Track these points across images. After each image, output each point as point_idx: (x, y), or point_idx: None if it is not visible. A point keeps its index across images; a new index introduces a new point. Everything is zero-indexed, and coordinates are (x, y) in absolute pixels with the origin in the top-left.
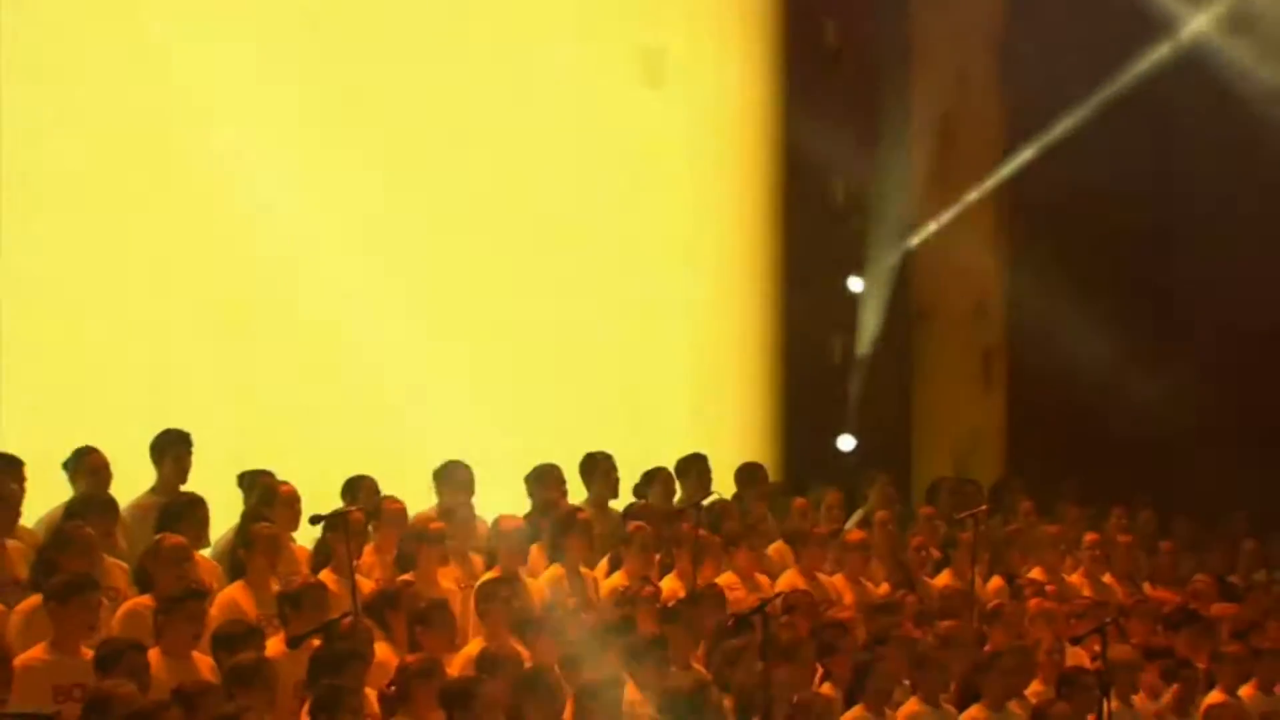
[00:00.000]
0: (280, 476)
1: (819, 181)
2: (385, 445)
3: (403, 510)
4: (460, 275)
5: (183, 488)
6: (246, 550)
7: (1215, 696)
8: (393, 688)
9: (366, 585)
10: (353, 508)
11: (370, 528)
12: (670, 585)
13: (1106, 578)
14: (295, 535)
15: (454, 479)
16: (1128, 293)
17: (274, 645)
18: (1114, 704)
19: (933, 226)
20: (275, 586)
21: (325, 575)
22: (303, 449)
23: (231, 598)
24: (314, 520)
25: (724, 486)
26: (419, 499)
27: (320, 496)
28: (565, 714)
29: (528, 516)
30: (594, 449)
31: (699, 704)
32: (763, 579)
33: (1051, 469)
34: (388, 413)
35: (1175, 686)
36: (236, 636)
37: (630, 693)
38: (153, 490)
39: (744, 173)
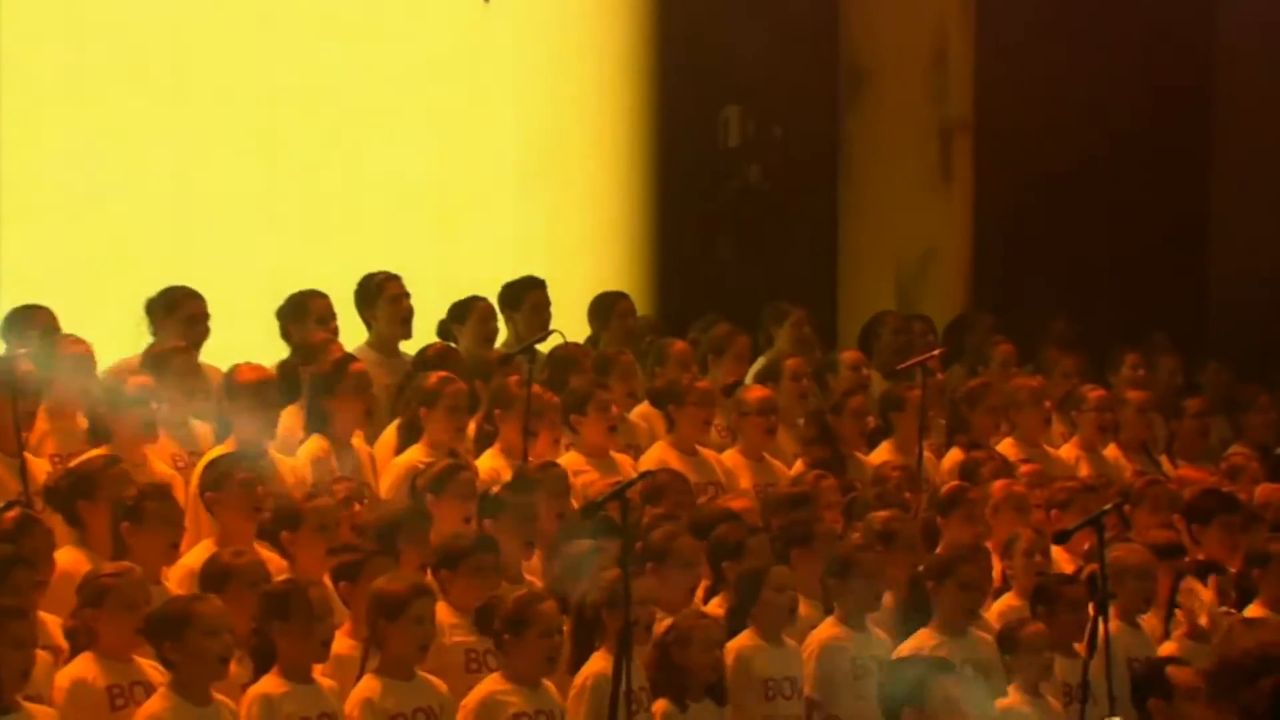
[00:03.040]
0: None
1: None
2: (73, 260)
3: (89, 356)
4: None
5: None
6: None
7: (1252, 610)
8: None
9: (38, 465)
10: (20, 352)
11: (43, 383)
12: (491, 464)
13: (1110, 450)
14: None
15: (175, 311)
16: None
17: None
18: (1113, 624)
19: None
20: None
21: None
22: None
23: None
24: None
25: (570, 324)
26: (123, 341)
27: None
28: (343, 640)
29: (280, 366)
30: (376, 268)
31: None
32: (622, 457)
33: (1035, 299)
34: (77, 210)
35: (1199, 599)
36: None
37: (441, 612)
38: None
39: None
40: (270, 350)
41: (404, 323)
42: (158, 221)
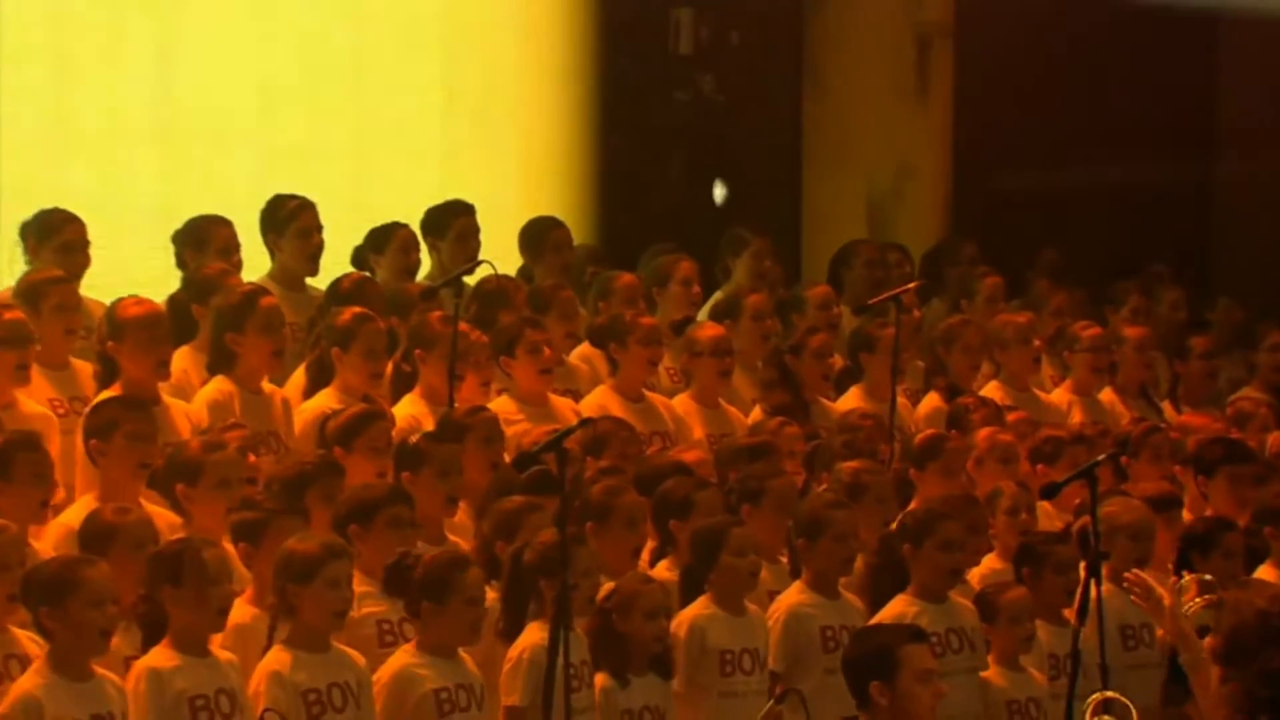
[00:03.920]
0: None
1: None
2: None
3: None
4: None
5: None
6: None
7: (1263, 573)
8: None
9: None
10: None
11: None
12: (410, 410)
13: (1106, 395)
14: None
15: (51, 237)
16: None
17: None
18: (1105, 588)
19: None
20: None
21: None
22: None
23: None
24: None
25: (500, 254)
26: None
27: None
28: (245, 608)
29: (170, 301)
30: (284, 189)
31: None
32: (561, 402)
33: (1022, 226)
34: None
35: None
36: None
37: (357, 578)
38: None
39: None
40: (163, 283)
41: (311, 259)
42: (32, 134)
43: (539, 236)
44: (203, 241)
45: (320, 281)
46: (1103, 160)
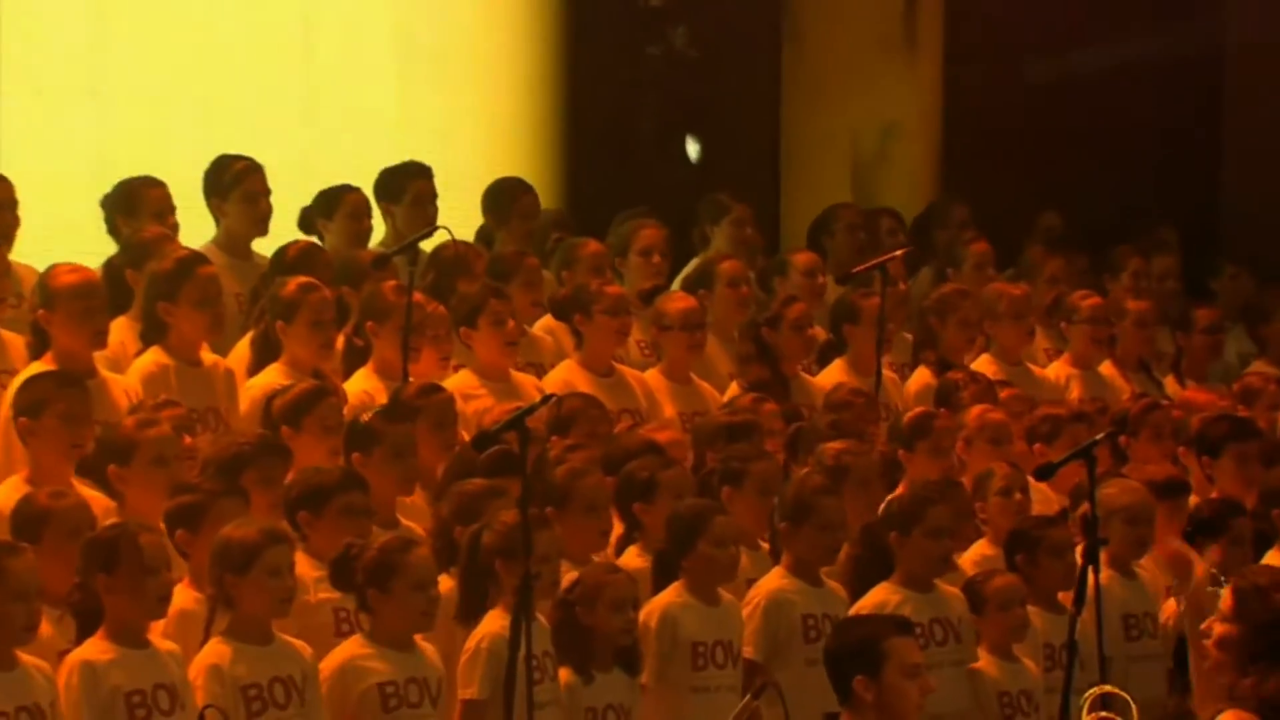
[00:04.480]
0: None
1: None
2: None
3: None
4: None
5: None
6: None
7: (1272, 557)
8: None
9: None
10: None
11: None
12: (362, 386)
13: (1105, 368)
14: None
15: None
16: None
17: None
18: (1104, 574)
19: None
20: None
21: None
22: None
23: None
24: None
25: (458, 219)
26: None
27: None
28: (187, 593)
29: (105, 267)
30: (227, 150)
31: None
32: (524, 378)
33: (1018, 189)
34: None
35: (1211, 546)
36: None
37: (301, 564)
38: None
39: None
40: (98, 248)
41: (258, 223)
42: None
43: (506, 200)
44: (134, 205)
45: (268, 249)
46: (1103, 117)
